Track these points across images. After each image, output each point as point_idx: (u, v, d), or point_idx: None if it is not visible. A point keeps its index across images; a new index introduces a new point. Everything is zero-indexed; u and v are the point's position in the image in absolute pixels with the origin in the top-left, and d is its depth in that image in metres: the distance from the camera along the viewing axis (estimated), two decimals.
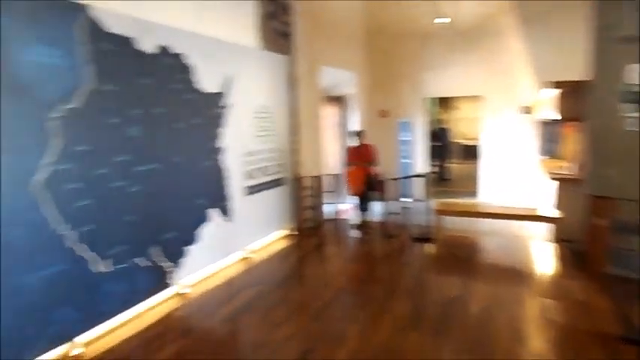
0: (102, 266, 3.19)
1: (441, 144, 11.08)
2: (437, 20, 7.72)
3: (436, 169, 10.75)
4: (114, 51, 3.27)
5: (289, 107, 6.02)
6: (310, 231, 6.27)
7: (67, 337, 2.97)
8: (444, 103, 13.96)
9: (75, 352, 3.00)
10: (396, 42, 8.80)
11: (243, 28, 5.11)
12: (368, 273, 4.84)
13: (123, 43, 3.36)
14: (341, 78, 7.87)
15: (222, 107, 4.59)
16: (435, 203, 6.12)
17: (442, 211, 5.88)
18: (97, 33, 3.12)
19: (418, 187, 6.91)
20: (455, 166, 12.48)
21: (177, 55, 3.92)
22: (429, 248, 5.44)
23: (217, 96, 4.51)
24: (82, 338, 3.07)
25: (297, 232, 6.12)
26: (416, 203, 6.30)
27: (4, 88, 2.55)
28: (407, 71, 8.87)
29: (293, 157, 6.13)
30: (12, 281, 2.62)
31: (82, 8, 3.02)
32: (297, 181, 6.20)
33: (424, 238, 5.67)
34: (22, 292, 2.67)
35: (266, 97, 5.46)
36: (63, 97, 2.90)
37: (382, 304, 3.76)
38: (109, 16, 3.21)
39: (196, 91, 4.19)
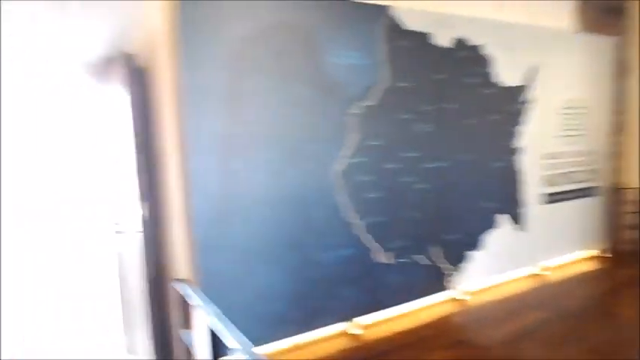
0: (383, 257, 3.32)
1: None
2: None
3: None
4: (409, 48, 3.33)
5: (613, 101, 4.88)
6: (628, 257, 4.95)
7: (348, 316, 3.23)
8: None
9: (354, 331, 3.24)
10: None
11: (554, 7, 4.40)
12: None
13: (418, 39, 3.38)
14: None
15: (523, 102, 4.08)
16: None
17: None
18: (395, 32, 3.24)
19: None
20: None
21: (473, 48, 3.69)
22: None
23: (517, 90, 4.03)
24: (360, 320, 3.28)
25: (608, 256, 4.95)
26: None
27: (318, 87, 2.96)
28: None
29: (612, 163, 4.97)
30: (312, 256, 3.02)
31: (383, 9, 3.18)
32: (615, 193, 5.00)
33: None
34: (318, 267, 3.05)
35: (580, 89, 4.57)
36: (361, 95, 3.14)
37: None
38: (407, 14, 3.28)
39: (493, 85, 3.86)
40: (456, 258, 3.75)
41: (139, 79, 2.58)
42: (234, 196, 2.72)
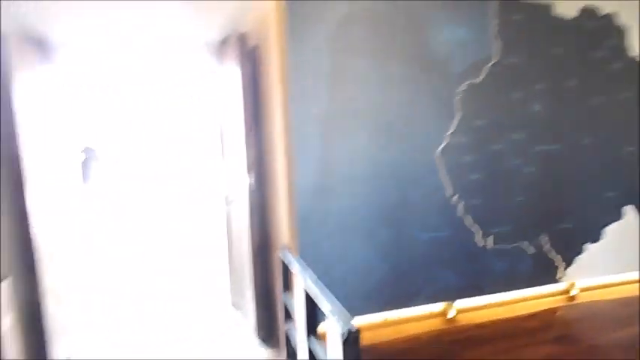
0: (484, 241, 3.20)
1: None
2: None
3: None
4: (524, 20, 3.09)
5: None
6: None
7: (443, 298, 3.19)
8: None
9: (448, 314, 3.19)
10: None
11: None
12: None
13: (536, 10, 3.12)
14: None
15: None
16: None
17: None
18: (509, 4, 3.03)
19: None
20: None
21: (604, 17, 3.29)
22: None
23: None
24: (455, 303, 3.22)
25: None
26: None
27: (420, 64, 2.91)
28: None
29: None
30: (408, 235, 3.03)
31: None
32: None
33: None
34: (414, 246, 3.05)
35: None
36: (466, 72, 3.01)
37: None
38: None
39: (628, 59, 3.41)
40: (569, 249, 3.46)
41: (250, 57, 2.78)
42: (333, 171, 2.83)
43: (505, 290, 3.34)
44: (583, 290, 3.53)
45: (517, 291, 3.38)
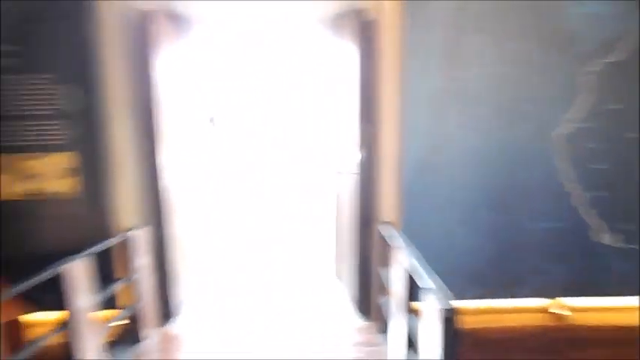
0: (606, 238, 2.92)
1: None
2: None
3: None
4: None
5: None
6: None
7: (551, 292, 2.99)
8: None
9: (557, 310, 2.99)
10: None
11: None
12: None
13: None
14: None
15: None
16: None
17: None
18: None
19: None
20: None
21: None
22: None
23: None
24: (566, 301, 3.00)
25: None
26: None
27: (545, 41, 2.72)
28: None
29: None
30: (517, 221, 2.89)
31: None
32: None
33: None
34: (523, 235, 2.90)
35: None
36: (602, 49, 2.73)
37: None
38: None
39: None
40: None
41: (366, 33, 2.80)
42: (442, 149, 2.79)
43: (630, 294, 3.02)
44: None
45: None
